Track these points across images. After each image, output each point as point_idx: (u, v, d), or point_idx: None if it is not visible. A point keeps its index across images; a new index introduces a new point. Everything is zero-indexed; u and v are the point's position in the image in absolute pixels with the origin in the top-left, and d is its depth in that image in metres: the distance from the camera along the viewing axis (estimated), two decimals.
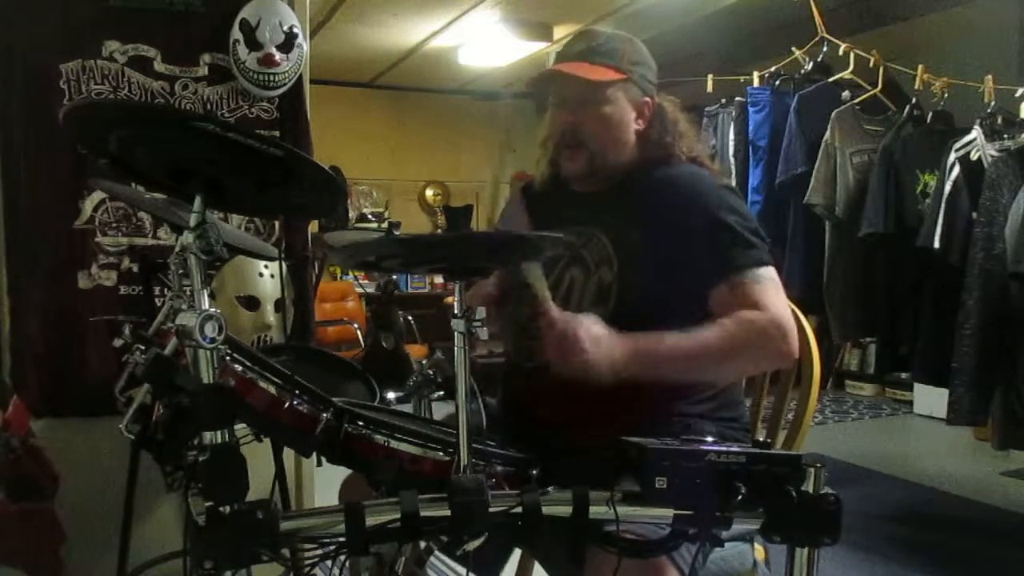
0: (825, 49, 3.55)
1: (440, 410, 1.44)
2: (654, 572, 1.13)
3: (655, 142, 1.49)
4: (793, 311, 1.61)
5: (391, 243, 1.09)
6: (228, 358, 1.05)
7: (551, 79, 1.50)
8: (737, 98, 3.77)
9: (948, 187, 2.95)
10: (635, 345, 1.28)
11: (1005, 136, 2.95)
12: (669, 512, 0.98)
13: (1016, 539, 3.13)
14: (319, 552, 0.95)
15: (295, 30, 2.26)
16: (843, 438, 4.70)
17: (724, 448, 1.00)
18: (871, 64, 3.42)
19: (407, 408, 1.48)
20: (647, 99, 1.50)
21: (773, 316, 1.33)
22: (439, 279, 6.54)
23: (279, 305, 2.10)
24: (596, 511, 0.97)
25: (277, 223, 2.33)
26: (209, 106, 2.26)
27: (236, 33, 2.20)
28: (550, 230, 1.45)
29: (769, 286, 1.36)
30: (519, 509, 0.96)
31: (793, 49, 3.65)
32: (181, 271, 1.05)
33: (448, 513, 0.94)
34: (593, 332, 1.25)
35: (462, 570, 1.06)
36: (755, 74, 3.74)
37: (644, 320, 1.36)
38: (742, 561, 1.36)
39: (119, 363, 1.18)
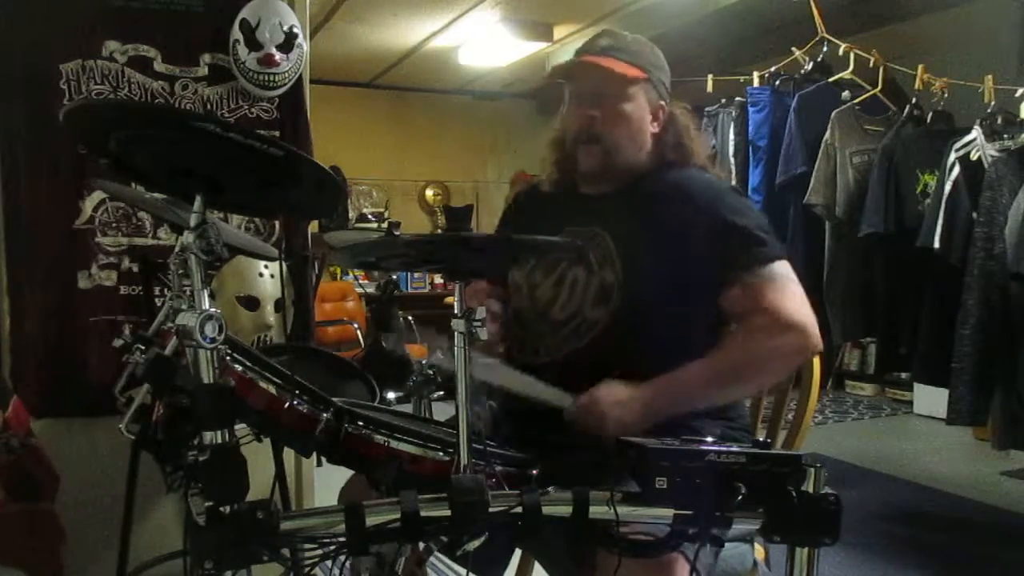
0: (825, 49, 3.55)
1: (440, 410, 1.44)
2: (665, 569, 1.13)
3: (668, 146, 1.51)
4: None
5: (391, 243, 1.08)
6: (228, 358, 1.05)
7: (578, 69, 1.50)
8: (737, 98, 3.77)
9: (948, 187, 2.95)
10: (657, 390, 1.31)
11: (1005, 136, 2.95)
12: (669, 512, 0.98)
13: (1016, 539, 3.13)
14: (319, 552, 0.95)
15: (295, 30, 2.26)
16: (843, 438, 4.70)
17: (724, 448, 1.00)
18: (871, 64, 3.42)
19: (407, 408, 1.48)
20: (662, 103, 1.51)
21: (786, 314, 1.33)
22: (439, 279, 6.54)
23: (279, 305, 2.10)
24: (596, 511, 0.97)
25: (277, 223, 2.33)
26: (209, 106, 2.27)
27: (236, 33, 2.21)
28: (555, 231, 1.46)
29: (782, 282, 1.37)
30: (519, 509, 0.96)
31: (793, 49, 3.65)
32: (181, 271, 1.04)
33: (448, 513, 0.94)
34: (614, 408, 1.29)
35: (462, 570, 1.06)
36: (755, 74, 3.73)
37: (646, 322, 1.37)
38: (742, 561, 1.36)
39: (119, 363, 1.17)
